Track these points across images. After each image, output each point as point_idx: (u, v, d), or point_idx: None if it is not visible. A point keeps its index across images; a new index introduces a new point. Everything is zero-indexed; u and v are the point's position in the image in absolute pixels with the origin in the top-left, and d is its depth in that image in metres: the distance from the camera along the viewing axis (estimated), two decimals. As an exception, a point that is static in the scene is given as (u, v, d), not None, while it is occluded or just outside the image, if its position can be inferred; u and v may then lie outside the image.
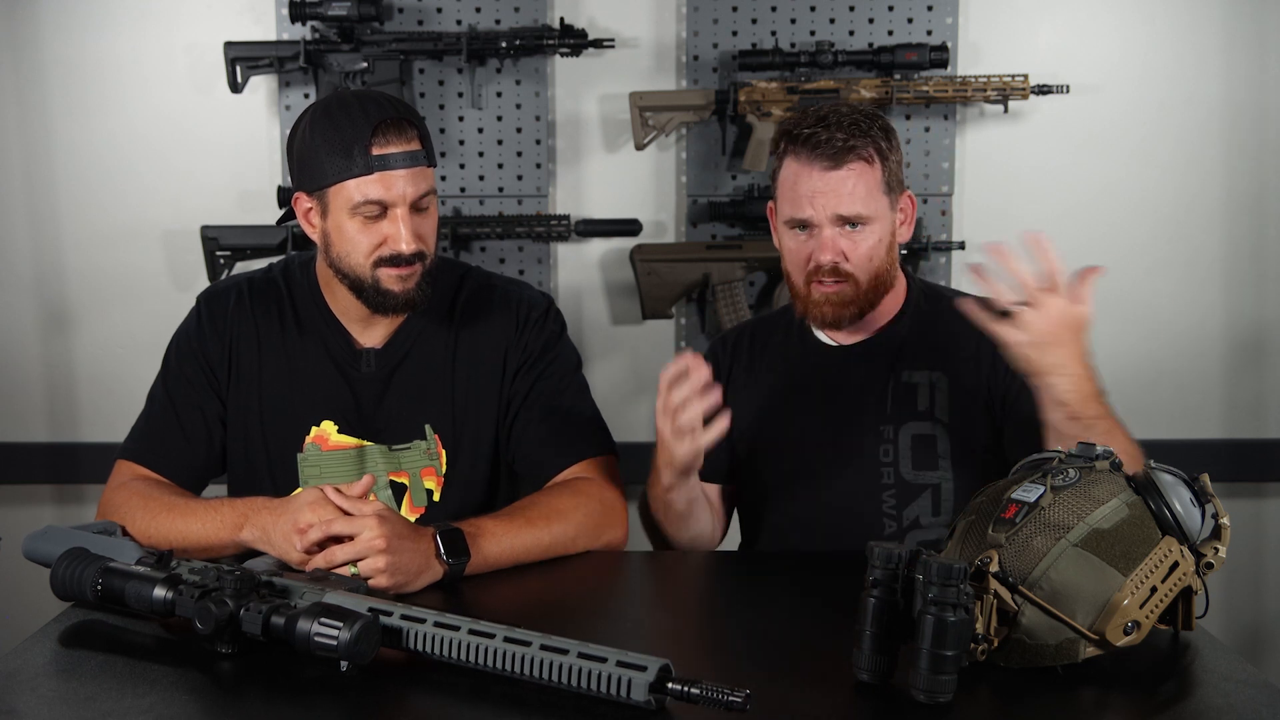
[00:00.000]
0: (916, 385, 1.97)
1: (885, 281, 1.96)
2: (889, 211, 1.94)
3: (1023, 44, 2.87)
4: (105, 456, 1.99)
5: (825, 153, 1.89)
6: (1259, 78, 2.88)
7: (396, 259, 1.83)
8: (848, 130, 1.90)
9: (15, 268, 2.94)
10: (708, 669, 1.26)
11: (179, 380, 1.95)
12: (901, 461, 1.95)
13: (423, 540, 1.65)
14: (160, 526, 1.77)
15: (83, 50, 2.88)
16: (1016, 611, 1.32)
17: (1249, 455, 2.96)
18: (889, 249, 1.95)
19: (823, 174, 1.90)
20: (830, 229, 1.91)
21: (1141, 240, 2.93)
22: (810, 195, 1.91)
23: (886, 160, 1.93)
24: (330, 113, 1.82)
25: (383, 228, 1.82)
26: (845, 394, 1.99)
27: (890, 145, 1.94)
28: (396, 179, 1.80)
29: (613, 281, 2.95)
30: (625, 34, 2.85)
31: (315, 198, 1.85)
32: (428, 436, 1.94)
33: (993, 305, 1.72)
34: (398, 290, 1.85)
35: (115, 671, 1.36)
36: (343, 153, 1.79)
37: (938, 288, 2.09)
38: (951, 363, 1.97)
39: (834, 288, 1.92)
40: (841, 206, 1.90)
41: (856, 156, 1.90)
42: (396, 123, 1.81)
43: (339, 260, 1.86)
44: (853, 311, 1.94)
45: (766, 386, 2.06)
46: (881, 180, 1.92)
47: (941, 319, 1.99)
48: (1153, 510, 1.37)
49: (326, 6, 2.72)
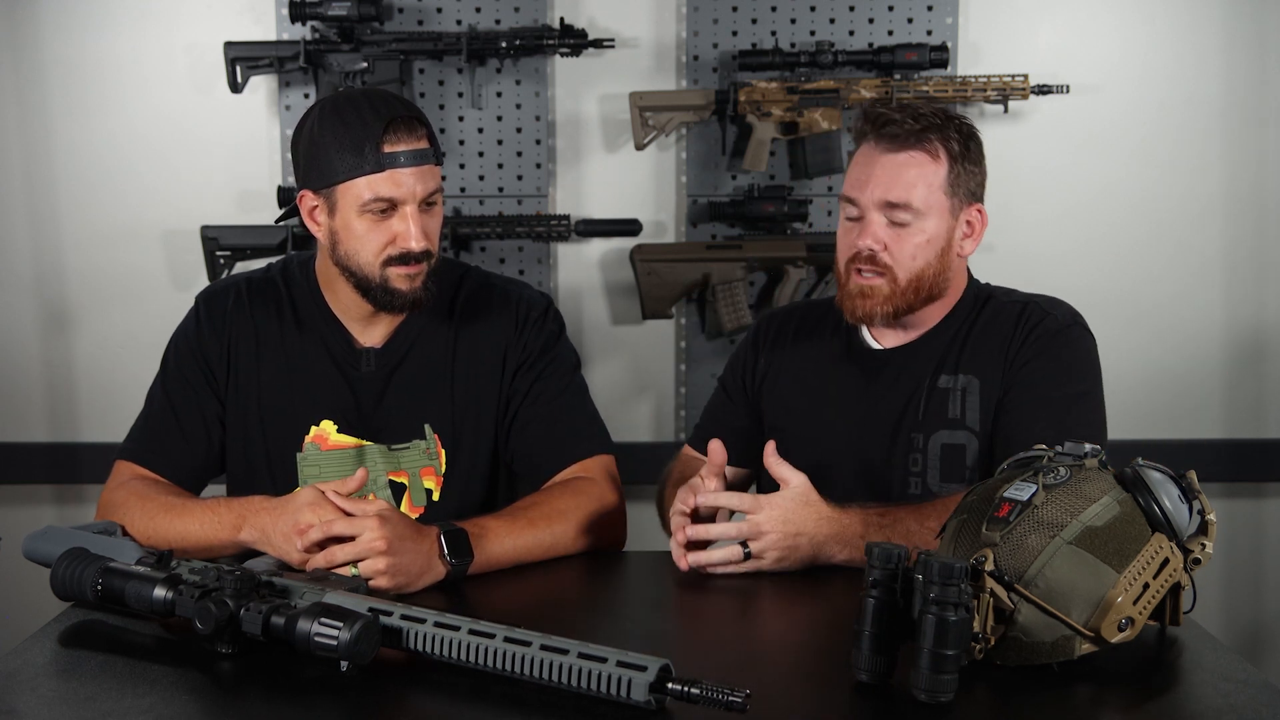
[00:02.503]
0: (948, 391, 1.89)
1: (930, 287, 1.88)
2: (948, 215, 1.86)
3: (1023, 44, 2.87)
4: (105, 456, 1.99)
5: (890, 133, 1.84)
6: (1259, 78, 2.88)
7: (405, 257, 1.83)
8: (923, 121, 1.84)
9: (15, 268, 2.94)
10: (708, 669, 1.26)
11: (178, 380, 1.95)
12: (930, 472, 1.89)
13: (425, 540, 1.65)
14: (159, 527, 1.77)
15: (83, 50, 2.88)
16: (1013, 610, 1.33)
17: (1249, 455, 2.96)
18: (940, 254, 1.86)
19: (882, 156, 1.85)
20: (876, 214, 1.85)
21: (1141, 240, 2.93)
22: (865, 177, 1.85)
23: (956, 162, 1.85)
24: (340, 110, 1.82)
25: (392, 225, 1.82)
26: (881, 399, 1.93)
27: (967, 151, 1.87)
28: (406, 177, 1.80)
29: (613, 281, 2.95)
30: (625, 34, 2.86)
31: (322, 195, 1.85)
32: (427, 436, 1.94)
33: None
34: (405, 289, 1.85)
35: (115, 671, 1.36)
36: (353, 150, 1.79)
37: (990, 289, 1.99)
38: (982, 365, 1.89)
39: (870, 280, 1.86)
40: (891, 192, 1.83)
41: (921, 147, 1.83)
42: (406, 120, 1.81)
43: (346, 258, 1.86)
44: (885, 310, 1.87)
45: (802, 381, 2.00)
46: (945, 179, 1.85)
47: (981, 319, 1.92)
48: (1142, 507, 1.37)
49: (326, 6, 2.72)
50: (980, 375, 1.89)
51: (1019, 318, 1.90)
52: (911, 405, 1.91)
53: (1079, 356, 1.88)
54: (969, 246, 1.91)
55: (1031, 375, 1.86)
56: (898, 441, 1.91)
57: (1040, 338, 1.87)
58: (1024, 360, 1.87)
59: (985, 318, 1.92)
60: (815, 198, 2.87)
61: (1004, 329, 1.90)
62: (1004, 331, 1.90)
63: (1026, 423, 1.82)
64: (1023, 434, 1.80)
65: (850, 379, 1.96)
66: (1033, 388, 1.85)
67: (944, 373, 1.91)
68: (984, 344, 1.90)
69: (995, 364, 1.88)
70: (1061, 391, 1.84)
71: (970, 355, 1.90)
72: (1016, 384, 1.86)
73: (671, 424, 2.97)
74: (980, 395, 1.88)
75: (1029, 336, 1.87)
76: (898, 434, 1.91)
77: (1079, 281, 2.86)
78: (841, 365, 1.98)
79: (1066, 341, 1.87)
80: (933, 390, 1.90)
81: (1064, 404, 1.83)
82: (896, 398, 1.92)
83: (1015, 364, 1.87)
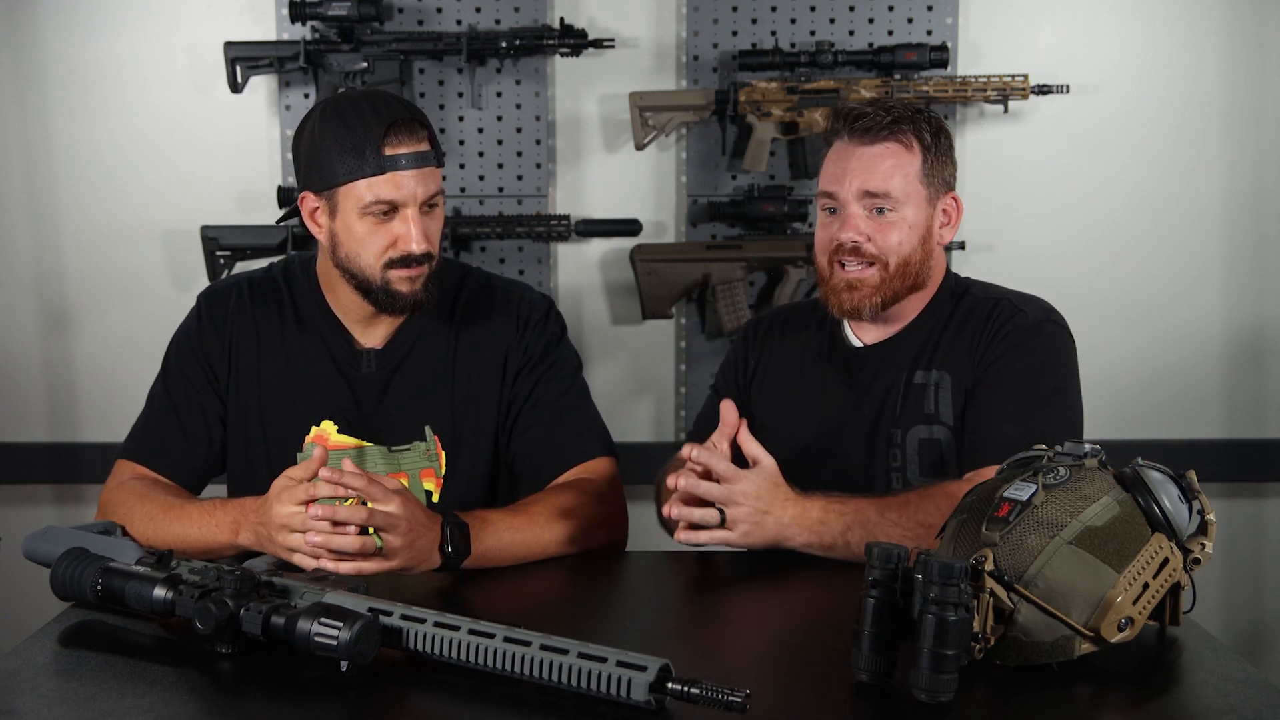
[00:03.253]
0: (924, 386, 1.91)
1: (915, 275, 1.90)
2: (925, 205, 1.90)
3: (1023, 44, 2.87)
4: (105, 456, 1.99)
5: (863, 126, 1.87)
6: (1259, 78, 2.88)
7: (406, 260, 1.83)
8: (893, 113, 1.88)
9: (15, 268, 2.94)
10: (708, 669, 1.26)
11: (179, 380, 1.95)
12: (909, 468, 1.90)
13: (434, 530, 1.67)
14: (158, 528, 1.77)
15: (83, 50, 2.88)
16: (1012, 610, 1.33)
17: (1249, 455, 2.96)
18: (922, 242, 1.90)
19: (857, 148, 1.88)
20: (856, 206, 1.88)
21: (1141, 240, 2.93)
22: (841, 171, 1.89)
23: (929, 152, 1.89)
24: (341, 112, 1.82)
25: (393, 227, 1.82)
26: (862, 396, 1.95)
27: (937, 142, 1.90)
28: (407, 179, 1.80)
29: (613, 281, 2.95)
30: (625, 34, 2.86)
31: (323, 197, 1.85)
32: (427, 438, 1.94)
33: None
34: (406, 291, 1.85)
35: (115, 671, 1.36)
36: (354, 152, 1.79)
37: (967, 282, 2.01)
38: (953, 360, 1.91)
39: (857, 272, 1.89)
40: (870, 182, 1.86)
41: (894, 138, 1.87)
42: (408, 123, 1.81)
43: (347, 260, 1.86)
44: (874, 300, 1.89)
45: (787, 381, 2.02)
46: (920, 169, 1.88)
47: (956, 315, 1.94)
48: (1142, 507, 1.37)
49: (326, 6, 2.72)
50: (952, 371, 1.90)
51: (990, 314, 1.91)
52: (889, 401, 1.93)
53: (1051, 353, 1.88)
54: (947, 234, 1.95)
55: (1000, 371, 1.86)
56: (877, 438, 1.92)
57: (1011, 334, 1.88)
58: (994, 356, 1.87)
59: (960, 314, 1.94)
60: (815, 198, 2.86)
61: (975, 325, 1.91)
62: (975, 327, 1.91)
63: (994, 419, 1.83)
64: (989, 430, 1.82)
65: (833, 378, 1.98)
66: (1001, 384, 1.85)
67: (919, 368, 1.92)
68: (956, 340, 1.92)
69: (965, 359, 1.90)
70: (1031, 386, 1.85)
71: (944, 351, 1.92)
72: (985, 379, 1.87)
73: (671, 424, 2.97)
74: (952, 391, 1.90)
75: (999, 332, 1.88)
76: (876, 430, 1.93)
77: (1079, 281, 2.86)
78: (824, 364, 2.00)
79: (1037, 336, 1.88)
80: (909, 386, 1.92)
81: (1034, 400, 1.84)
82: (876, 394, 1.94)
83: (985, 360, 1.88)
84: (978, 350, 1.89)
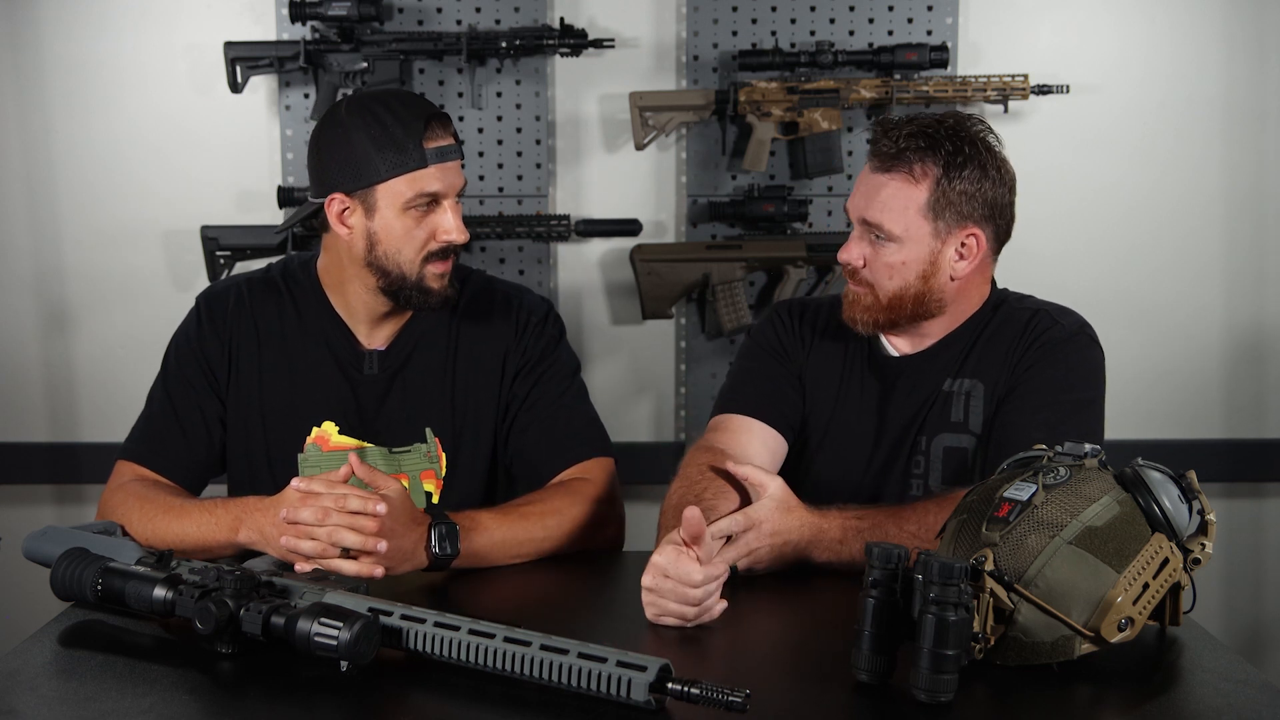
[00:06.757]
0: (952, 394, 1.89)
1: (913, 306, 1.86)
2: (929, 239, 1.83)
3: (1023, 44, 2.87)
4: (105, 456, 1.99)
5: (877, 150, 1.86)
6: (1259, 78, 2.88)
7: (445, 251, 1.86)
8: (909, 139, 1.82)
9: (15, 268, 2.94)
10: (708, 669, 1.26)
11: (179, 380, 1.95)
12: (931, 474, 1.89)
13: (417, 529, 1.68)
14: (158, 528, 1.77)
15: (83, 50, 2.88)
16: (1012, 610, 1.33)
17: (1249, 455, 2.96)
18: (921, 278, 1.84)
19: (869, 174, 1.87)
20: (859, 229, 1.87)
21: (1141, 240, 2.93)
22: (855, 191, 1.88)
23: (940, 183, 1.81)
24: (370, 110, 1.83)
25: (433, 220, 1.85)
26: (893, 405, 1.93)
27: (956, 169, 1.81)
28: (449, 170, 1.84)
29: (613, 281, 2.95)
30: (625, 34, 2.85)
31: (356, 197, 1.85)
32: (428, 439, 1.94)
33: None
34: (437, 288, 1.88)
35: (115, 671, 1.36)
36: (395, 148, 1.80)
37: (1005, 294, 1.97)
38: (987, 370, 1.88)
39: (856, 289, 1.89)
40: (868, 212, 1.85)
41: (901, 169, 1.82)
42: (440, 118, 1.85)
43: (385, 259, 1.86)
44: (867, 319, 1.88)
45: (823, 386, 1.99)
46: (924, 202, 1.81)
47: (991, 326, 1.92)
48: (1142, 507, 1.37)
49: (326, 6, 2.72)
50: (985, 379, 1.89)
51: (1027, 324, 1.90)
52: (918, 409, 1.91)
53: (1083, 365, 1.87)
54: (962, 269, 1.86)
55: (1032, 380, 1.85)
56: (903, 444, 1.91)
57: (1045, 344, 1.87)
58: (1027, 364, 1.86)
59: (995, 324, 1.92)
60: (815, 198, 2.87)
61: (1011, 335, 1.90)
62: (1010, 337, 1.89)
63: (1022, 425, 1.82)
64: (1017, 436, 1.80)
65: (869, 388, 1.96)
66: (1033, 392, 1.84)
67: (951, 377, 1.91)
68: (991, 350, 1.90)
69: (1000, 369, 1.88)
70: (1061, 397, 1.84)
71: (976, 360, 1.90)
72: (1017, 387, 1.86)
73: (671, 424, 2.97)
74: (984, 399, 1.88)
75: (1034, 342, 1.87)
76: (904, 437, 1.91)
77: (1080, 282, 2.86)
78: (862, 373, 1.97)
79: (1072, 349, 1.87)
80: (939, 394, 1.90)
81: (1062, 410, 1.83)
82: (910, 406, 1.92)
83: (1018, 368, 1.87)
84: (1013, 359, 1.88)
